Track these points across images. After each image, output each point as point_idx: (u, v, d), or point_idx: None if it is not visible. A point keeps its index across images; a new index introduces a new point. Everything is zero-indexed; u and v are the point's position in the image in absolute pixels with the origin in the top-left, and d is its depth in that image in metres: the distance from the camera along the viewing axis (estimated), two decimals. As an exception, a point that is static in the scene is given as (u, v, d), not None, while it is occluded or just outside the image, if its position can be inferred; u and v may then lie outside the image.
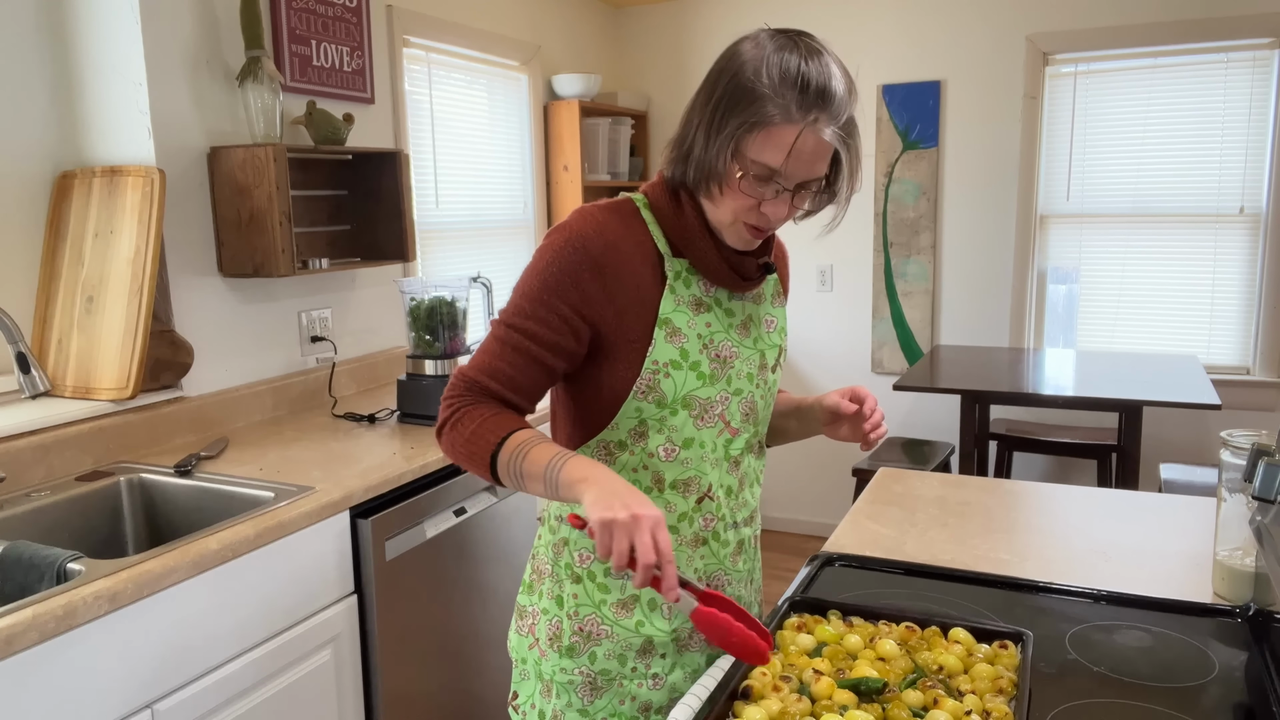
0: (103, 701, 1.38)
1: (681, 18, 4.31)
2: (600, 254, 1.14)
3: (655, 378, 1.16)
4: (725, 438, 1.23)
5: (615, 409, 1.18)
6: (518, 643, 1.32)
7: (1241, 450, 1.27)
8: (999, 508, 1.75)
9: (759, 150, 1.08)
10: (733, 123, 1.08)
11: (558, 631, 1.24)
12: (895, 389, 3.19)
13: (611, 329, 1.15)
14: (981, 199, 3.89)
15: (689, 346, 1.17)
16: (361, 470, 1.95)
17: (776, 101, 1.06)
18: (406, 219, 2.63)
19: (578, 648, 1.23)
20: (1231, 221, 3.58)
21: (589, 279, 1.13)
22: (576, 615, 1.23)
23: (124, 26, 2.08)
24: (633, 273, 1.16)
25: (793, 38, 1.10)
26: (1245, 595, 1.30)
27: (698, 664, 1.26)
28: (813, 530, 4.39)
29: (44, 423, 1.91)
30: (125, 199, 2.05)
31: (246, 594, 1.62)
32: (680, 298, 1.18)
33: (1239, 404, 3.58)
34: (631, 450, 1.19)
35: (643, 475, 1.20)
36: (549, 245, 1.16)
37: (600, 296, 1.14)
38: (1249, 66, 3.48)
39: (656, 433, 1.18)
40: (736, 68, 1.09)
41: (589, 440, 1.21)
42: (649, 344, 1.16)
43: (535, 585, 1.30)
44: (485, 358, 1.17)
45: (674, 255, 1.19)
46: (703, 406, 1.19)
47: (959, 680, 1.03)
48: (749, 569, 1.33)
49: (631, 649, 1.22)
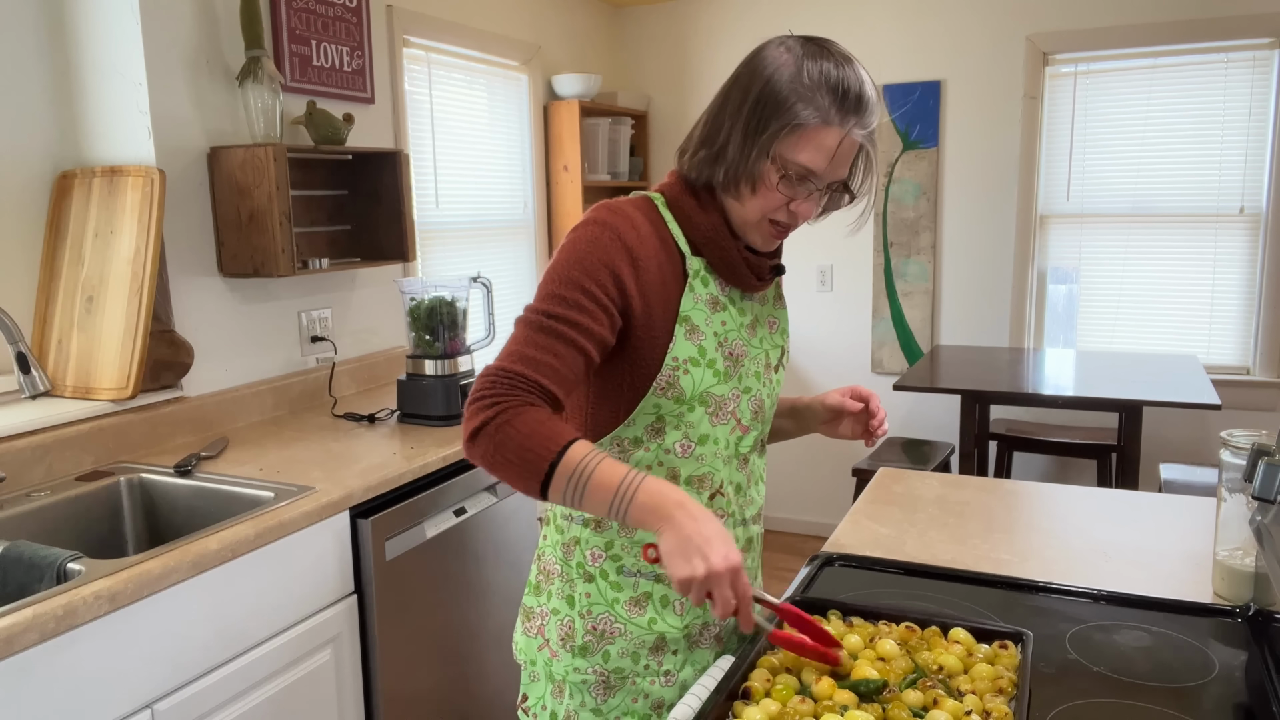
0: (103, 701, 1.38)
1: (681, 18, 4.31)
2: (634, 246, 1.15)
3: (675, 374, 1.16)
4: (737, 435, 1.24)
5: (633, 405, 1.18)
6: (526, 644, 1.31)
7: (1241, 450, 1.27)
8: (999, 508, 1.75)
9: (799, 152, 1.11)
10: (773, 125, 1.11)
11: (570, 631, 1.24)
12: (895, 389, 3.19)
13: (639, 322, 1.15)
14: (981, 199, 3.89)
15: (706, 344, 1.19)
16: (361, 470, 1.95)
17: (818, 104, 1.10)
18: (406, 219, 2.63)
19: (591, 647, 1.23)
20: (1231, 221, 3.58)
21: (625, 268, 1.13)
22: (589, 614, 1.23)
23: (124, 26, 2.08)
24: (659, 268, 1.17)
25: (822, 45, 1.14)
26: (1245, 595, 1.30)
27: (708, 660, 1.26)
28: (813, 530, 4.39)
29: (44, 423, 1.91)
30: (125, 199, 2.05)
31: (246, 594, 1.62)
32: (699, 296, 1.19)
33: (1239, 404, 3.58)
34: (647, 446, 1.19)
35: (658, 472, 1.20)
36: (584, 234, 1.15)
37: (633, 287, 1.14)
38: (1249, 66, 3.48)
39: (673, 429, 1.19)
40: (771, 72, 1.12)
41: (603, 436, 1.21)
42: (670, 340, 1.17)
43: (543, 586, 1.30)
44: (524, 348, 1.10)
45: (693, 254, 1.21)
46: (717, 403, 1.20)
47: (959, 680, 1.03)
48: (754, 567, 1.35)
49: (645, 646, 1.22)
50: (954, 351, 3.79)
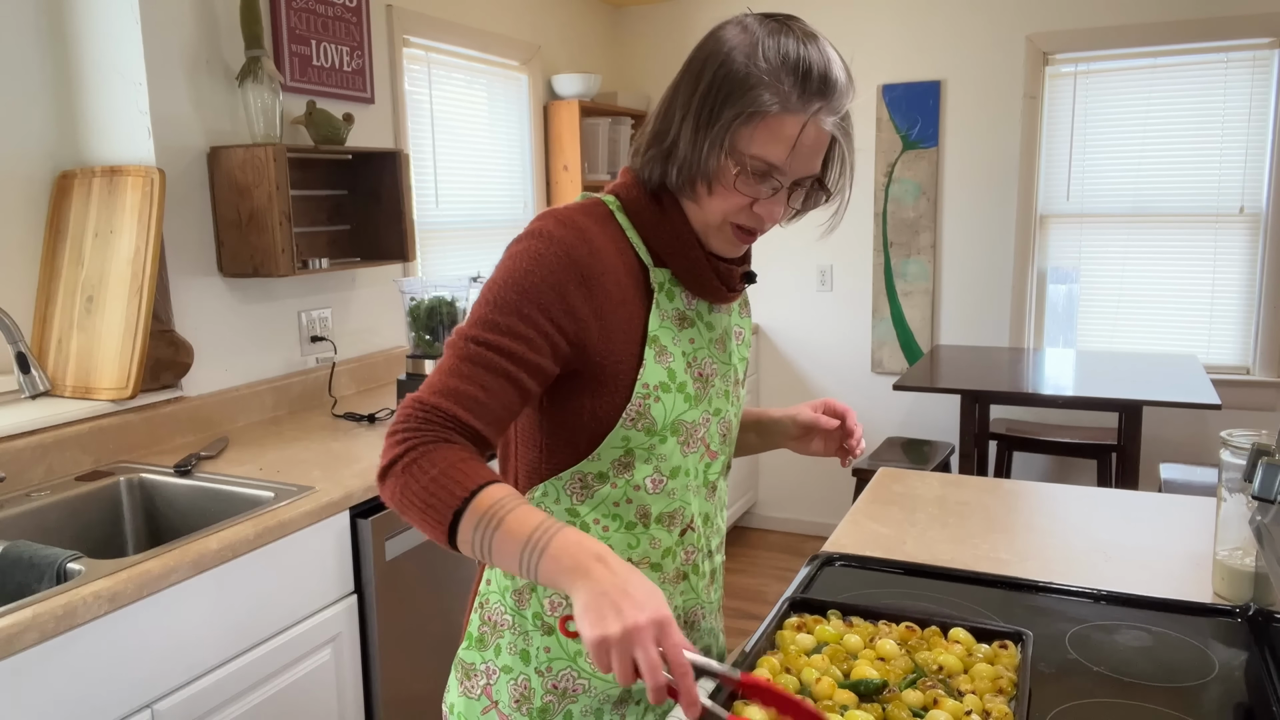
0: (103, 701, 1.38)
1: (681, 18, 4.31)
2: (586, 263, 1.00)
3: (645, 403, 1.03)
4: (705, 462, 1.13)
5: (599, 439, 1.04)
6: (467, 708, 1.14)
7: (1241, 450, 1.27)
8: (999, 508, 1.74)
9: (758, 144, 0.98)
10: (726, 113, 0.97)
11: (526, 692, 1.10)
12: (895, 389, 3.19)
13: (597, 349, 1.01)
14: (981, 199, 3.89)
15: (675, 366, 1.06)
16: (361, 470, 1.95)
17: (776, 89, 0.96)
18: (406, 219, 2.63)
19: (551, 708, 1.09)
20: (1231, 221, 3.58)
21: (575, 292, 0.99)
22: (550, 671, 1.09)
23: (124, 26, 2.08)
24: (618, 285, 1.03)
25: (783, 21, 1.00)
26: (1245, 595, 1.30)
27: (672, 708, 1.21)
28: (813, 530, 4.39)
29: (44, 423, 1.91)
30: (125, 199, 2.05)
31: (246, 594, 1.62)
32: (665, 313, 1.07)
33: (1239, 404, 3.58)
34: (614, 483, 1.06)
35: (626, 510, 1.07)
36: (526, 251, 1.00)
37: (587, 312, 1.00)
38: (1249, 66, 3.48)
39: (644, 463, 1.06)
40: (725, 54, 0.99)
41: (561, 472, 1.07)
42: (638, 365, 1.03)
43: (489, 639, 1.13)
44: (448, 379, 0.96)
45: (656, 265, 1.08)
46: (688, 431, 1.08)
47: (959, 680, 1.03)
48: (719, 598, 1.25)
49: (609, 701, 1.11)
50: (954, 351, 3.79)
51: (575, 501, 1.08)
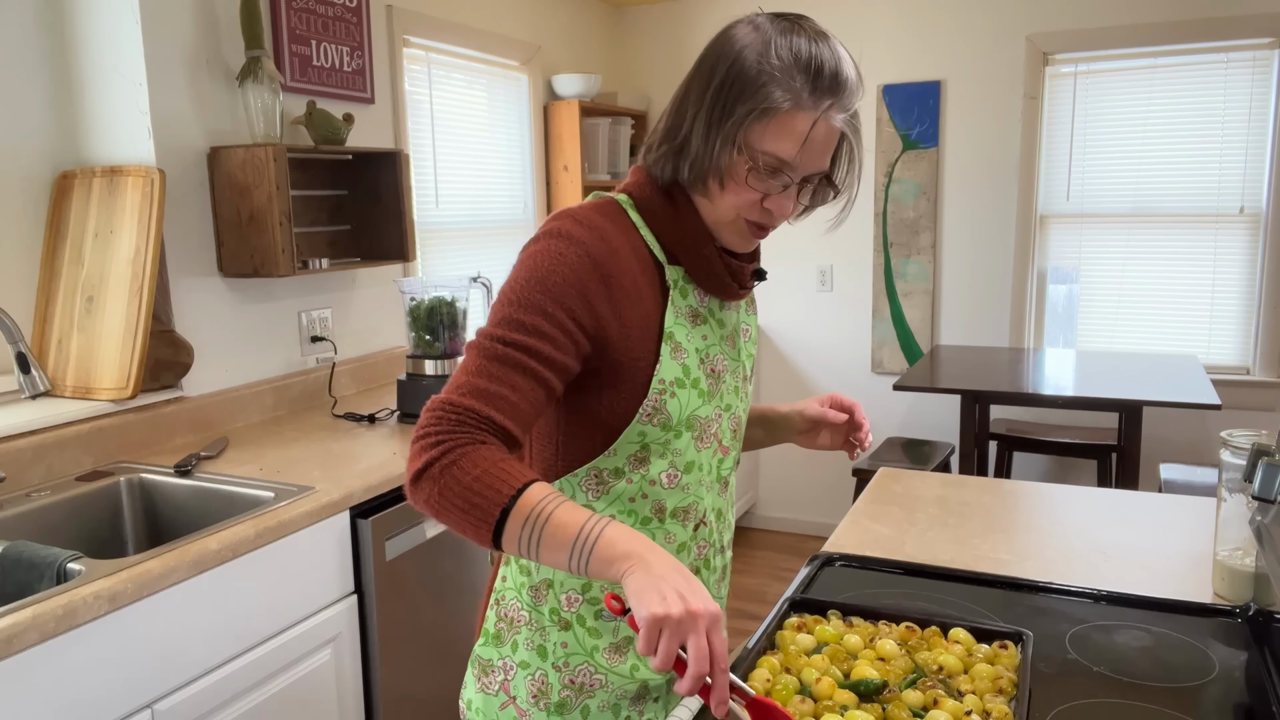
0: (103, 701, 1.38)
1: (681, 18, 4.31)
2: (605, 262, 1.02)
3: (661, 399, 1.05)
4: (718, 458, 1.16)
5: (615, 434, 1.07)
6: (485, 704, 1.15)
7: (1241, 450, 1.27)
8: (999, 508, 1.74)
9: (769, 140, 1.00)
10: (739, 110, 0.99)
11: (544, 687, 1.12)
12: (895, 389, 3.19)
13: (616, 347, 1.03)
14: (981, 199, 3.89)
15: (689, 362, 1.08)
16: (361, 470, 1.95)
17: (788, 86, 0.98)
18: (406, 219, 2.63)
19: (569, 703, 1.11)
20: (1231, 221, 3.58)
21: (595, 290, 1.01)
22: (567, 666, 1.11)
23: (124, 26, 2.08)
24: (634, 283, 1.05)
25: (794, 20, 1.02)
26: (1245, 595, 1.30)
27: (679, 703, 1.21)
28: (813, 530, 4.39)
29: (44, 423, 1.91)
30: (125, 199, 2.05)
31: (246, 594, 1.62)
32: (679, 309, 1.09)
33: (1239, 404, 3.58)
34: (630, 478, 1.08)
35: (642, 505, 1.09)
36: (547, 250, 1.02)
37: (606, 310, 1.02)
38: (1249, 66, 3.48)
39: (659, 458, 1.08)
40: (737, 52, 1.01)
41: (577, 468, 1.09)
42: (655, 362, 1.05)
43: (506, 635, 1.15)
44: (475, 380, 0.97)
45: (670, 262, 1.10)
46: (702, 426, 1.10)
47: (959, 680, 1.03)
48: (726, 595, 1.26)
49: (626, 696, 1.13)
50: (954, 351, 3.79)
51: (591, 497, 1.10)
